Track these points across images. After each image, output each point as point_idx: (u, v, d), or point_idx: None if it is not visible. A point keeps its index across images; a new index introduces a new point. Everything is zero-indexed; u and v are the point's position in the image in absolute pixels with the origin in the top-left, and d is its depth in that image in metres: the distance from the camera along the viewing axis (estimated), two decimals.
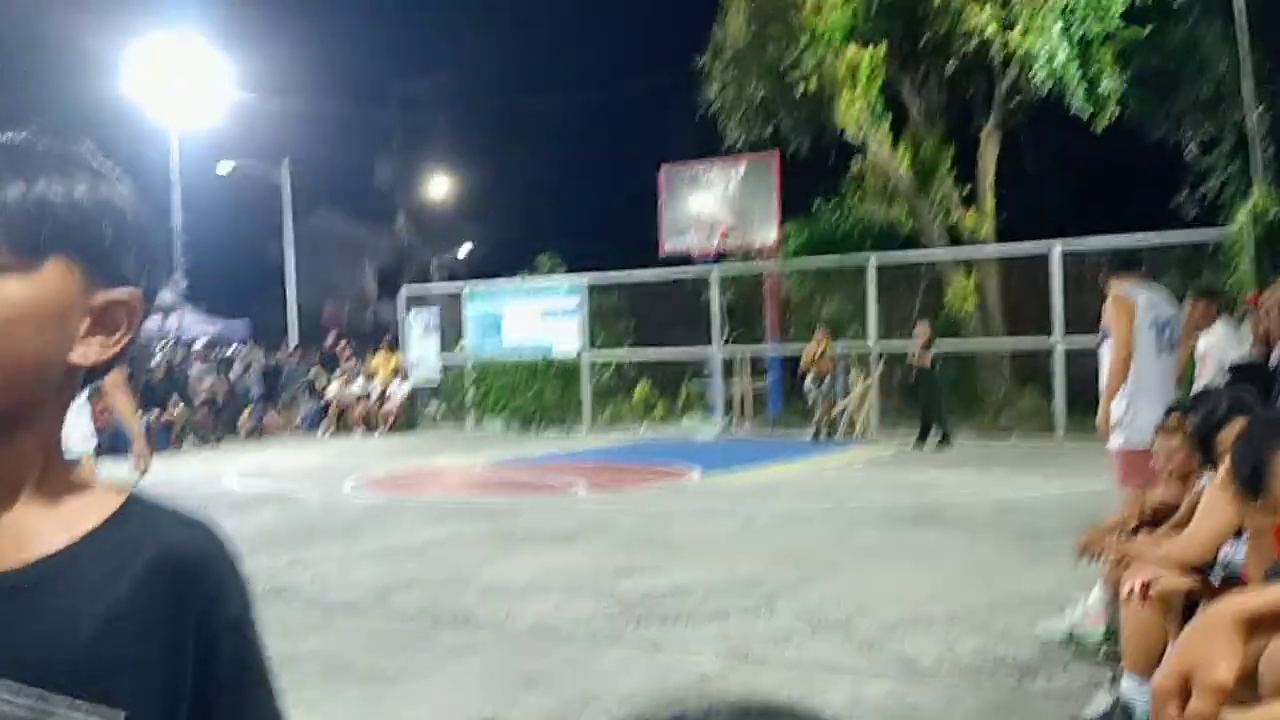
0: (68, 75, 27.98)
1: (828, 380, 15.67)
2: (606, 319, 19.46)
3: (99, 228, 0.86)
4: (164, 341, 19.73)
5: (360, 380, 19.72)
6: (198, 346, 20.67)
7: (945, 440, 14.13)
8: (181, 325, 22.55)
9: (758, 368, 18.32)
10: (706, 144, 19.09)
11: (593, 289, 18.89)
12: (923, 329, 14.46)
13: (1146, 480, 4.87)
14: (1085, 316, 14.61)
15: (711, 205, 18.26)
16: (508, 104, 34.29)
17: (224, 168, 26.82)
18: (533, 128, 37.29)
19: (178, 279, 22.49)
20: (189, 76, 22.43)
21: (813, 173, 18.95)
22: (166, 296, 21.68)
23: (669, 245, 18.65)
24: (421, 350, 20.21)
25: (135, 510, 0.89)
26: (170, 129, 22.91)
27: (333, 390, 19.56)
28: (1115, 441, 5.50)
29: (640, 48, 40.78)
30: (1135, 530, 4.48)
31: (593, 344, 18.73)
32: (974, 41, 15.65)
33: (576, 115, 37.55)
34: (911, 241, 18.06)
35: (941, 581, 6.49)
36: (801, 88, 16.59)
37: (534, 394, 19.00)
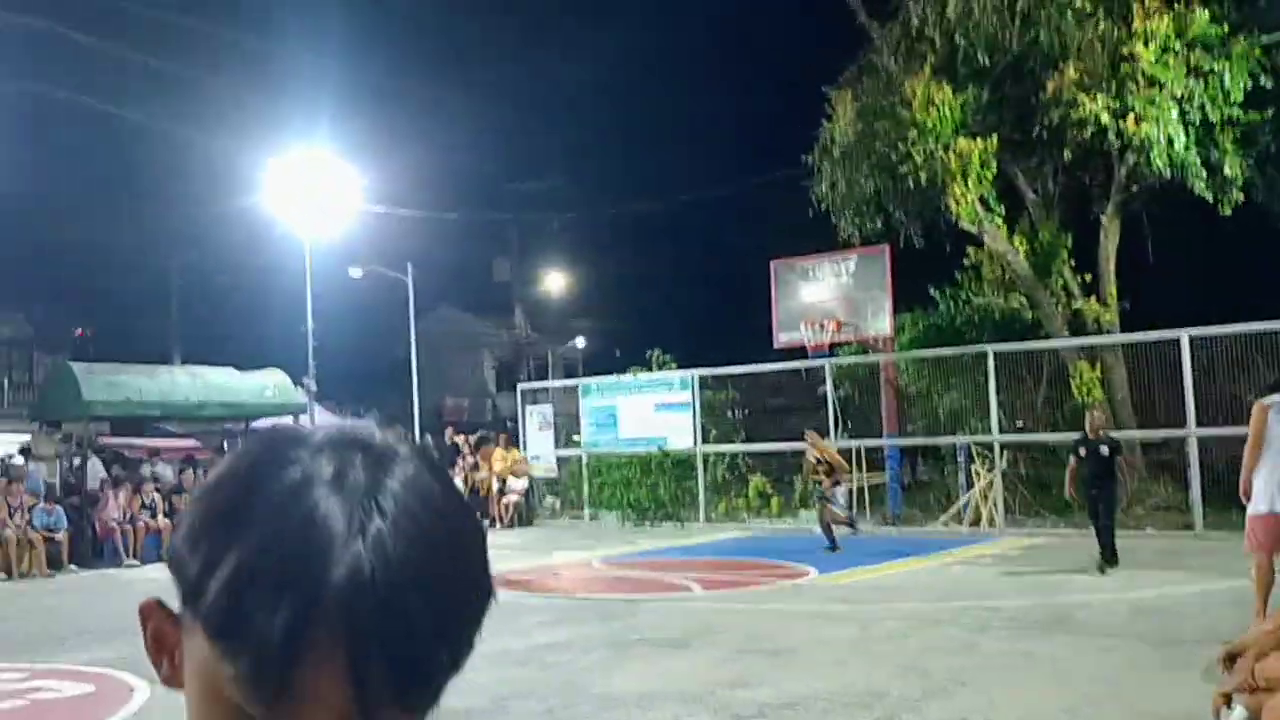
0: (215, 194, 29.76)
1: (828, 486, 14.13)
2: (719, 412, 19.51)
3: None
4: None
5: (480, 474, 20.09)
6: None
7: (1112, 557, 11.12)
8: (312, 422, 23.38)
9: (875, 461, 18.03)
10: (818, 238, 19.18)
11: (705, 382, 18.98)
12: (1099, 414, 12.09)
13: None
14: (1217, 405, 14.15)
15: (823, 298, 18.28)
16: (621, 203, 35.12)
17: (354, 272, 28.06)
18: (645, 225, 38.13)
19: (309, 378, 23.39)
20: (321, 190, 23.65)
21: (927, 263, 18.84)
22: (299, 395, 22.60)
23: (782, 339, 18.68)
24: (538, 444, 20.53)
25: None
26: (304, 238, 24.11)
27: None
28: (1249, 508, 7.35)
29: (750, 147, 41.53)
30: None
31: (705, 438, 18.75)
32: (1089, 130, 15.45)
33: (688, 213, 38.28)
34: (1032, 331, 17.70)
35: (1072, 696, 6.24)
36: (912, 181, 16.58)
37: (648, 487, 19.06)
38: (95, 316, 36.98)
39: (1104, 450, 11.26)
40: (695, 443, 18.63)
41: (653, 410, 19.27)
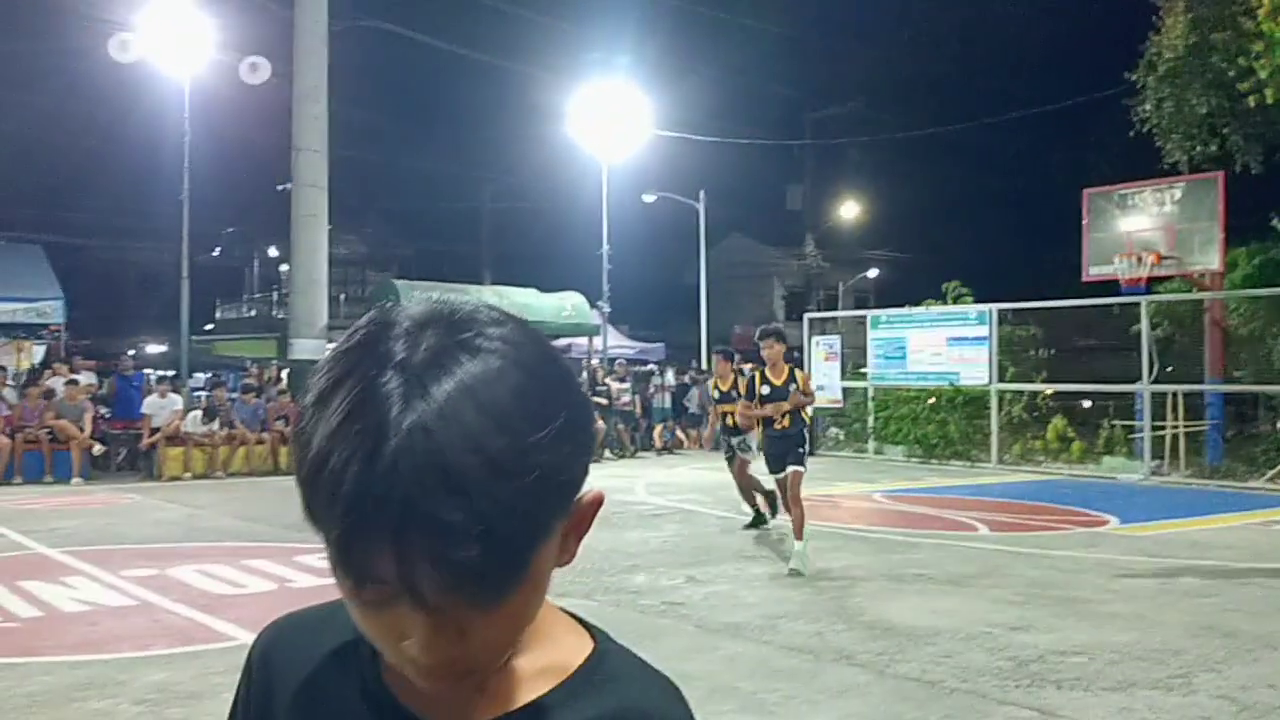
0: (523, 124, 31.20)
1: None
2: (1018, 349, 18.52)
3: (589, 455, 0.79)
4: (586, 357, 21.40)
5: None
6: (618, 364, 22.22)
7: None
8: (605, 344, 24.35)
9: (1193, 408, 16.56)
10: (1137, 163, 17.62)
11: (1004, 317, 18.05)
12: None
13: None
14: None
15: (1143, 229, 16.83)
16: (920, 127, 33.66)
17: (647, 198, 28.70)
18: (944, 151, 36.37)
19: (603, 302, 24.29)
20: (619, 116, 24.29)
21: (1267, 192, 16.88)
22: (595, 317, 23.54)
23: (1092, 272, 17.41)
24: (824, 374, 20.35)
25: (604, 660, 0.87)
26: (602, 163, 24.89)
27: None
28: None
29: (1064, 65, 38.42)
30: None
31: (1002, 376, 17.89)
32: None
33: (991, 138, 36.17)
34: None
35: None
36: (1254, 100, 14.82)
37: (938, 424, 18.48)
38: (418, 239, 40.04)
39: None
40: (991, 380, 17.82)
41: (945, 344, 18.57)
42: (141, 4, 18.38)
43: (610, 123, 24.26)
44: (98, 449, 15.52)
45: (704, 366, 24.52)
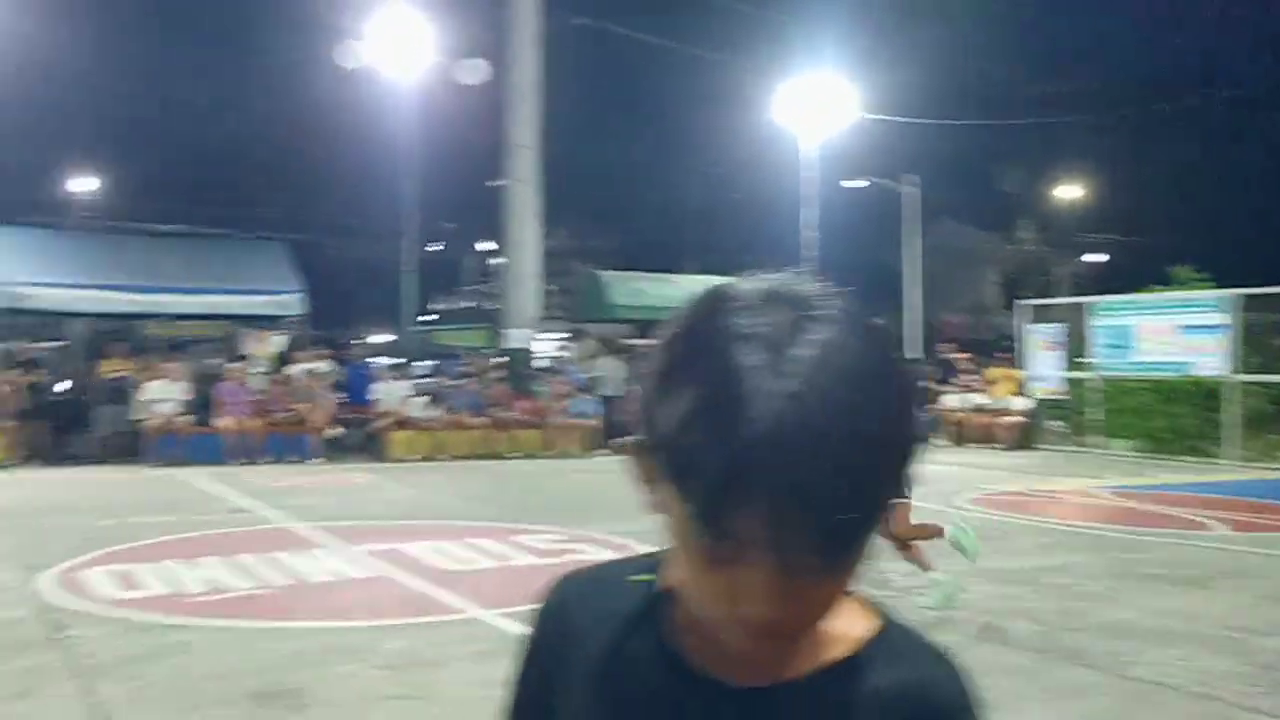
0: (728, 112, 31.31)
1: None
2: (1262, 338, 17.19)
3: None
4: None
5: (978, 393, 19.58)
6: None
7: None
8: None
9: None
10: None
11: (1248, 303, 16.77)
12: None
13: None
14: None
15: None
16: (1149, 104, 31.64)
17: (853, 183, 28.27)
18: (1170, 130, 34.07)
19: None
20: (824, 100, 24.02)
21: None
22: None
23: None
24: (1042, 364, 19.51)
25: (892, 635, 0.90)
26: (806, 149, 24.68)
27: (949, 402, 19.64)
28: None
29: None
30: None
31: (1245, 367, 16.65)
32: None
33: (1225, 112, 33.61)
34: None
35: None
36: None
37: (1169, 417, 17.40)
38: (621, 231, 40.84)
39: None
40: (1230, 370, 16.62)
41: (1177, 332, 17.44)
42: (369, 12, 19.51)
43: (815, 108, 24.01)
44: (334, 432, 16.63)
45: (911, 353, 23.96)
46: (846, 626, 0.88)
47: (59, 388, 17.09)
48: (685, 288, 21.16)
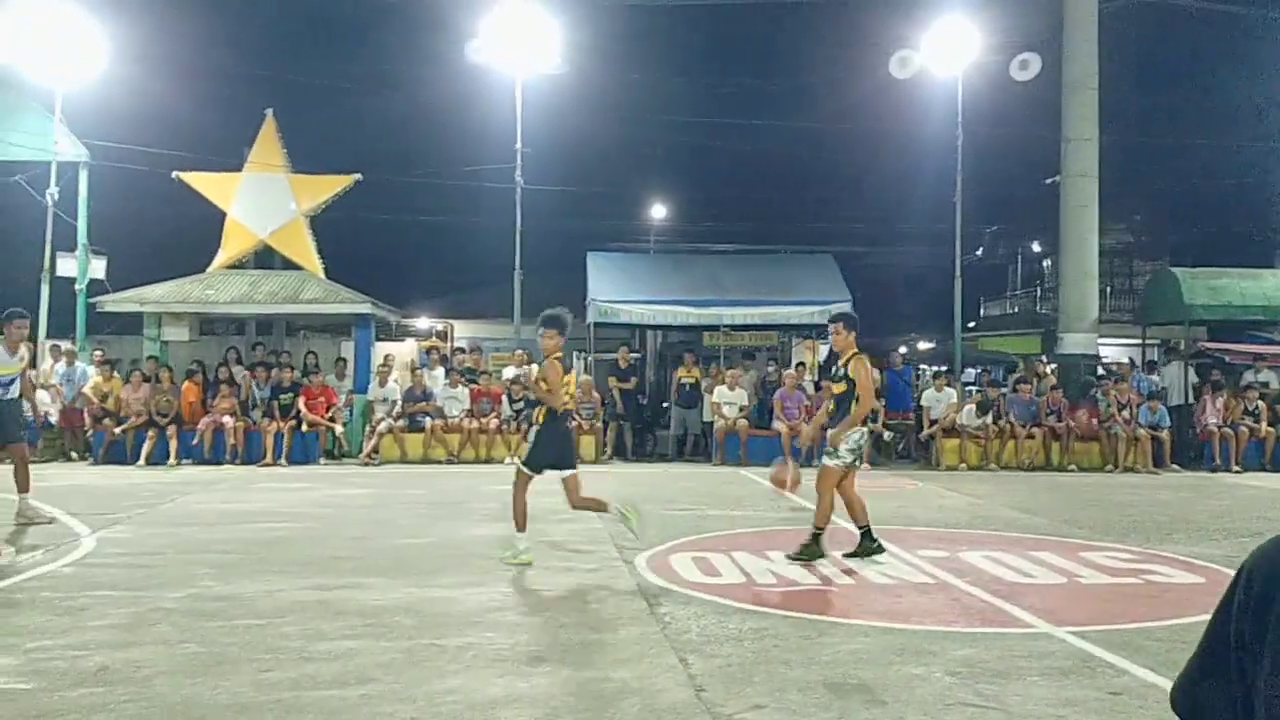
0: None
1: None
2: None
3: None
4: None
5: None
6: None
7: None
8: None
9: None
10: None
11: None
12: None
13: None
14: None
15: None
16: None
17: None
18: None
19: None
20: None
21: None
22: None
23: None
24: None
25: None
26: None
27: None
28: None
29: None
30: None
31: None
32: None
33: None
34: None
35: None
36: None
37: None
38: (1190, 223, 36.81)
39: None
40: None
41: None
42: (922, 22, 19.51)
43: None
44: (886, 436, 16.89)
45: None
46: None
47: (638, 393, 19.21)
48: (1274, 285, 18.59)
